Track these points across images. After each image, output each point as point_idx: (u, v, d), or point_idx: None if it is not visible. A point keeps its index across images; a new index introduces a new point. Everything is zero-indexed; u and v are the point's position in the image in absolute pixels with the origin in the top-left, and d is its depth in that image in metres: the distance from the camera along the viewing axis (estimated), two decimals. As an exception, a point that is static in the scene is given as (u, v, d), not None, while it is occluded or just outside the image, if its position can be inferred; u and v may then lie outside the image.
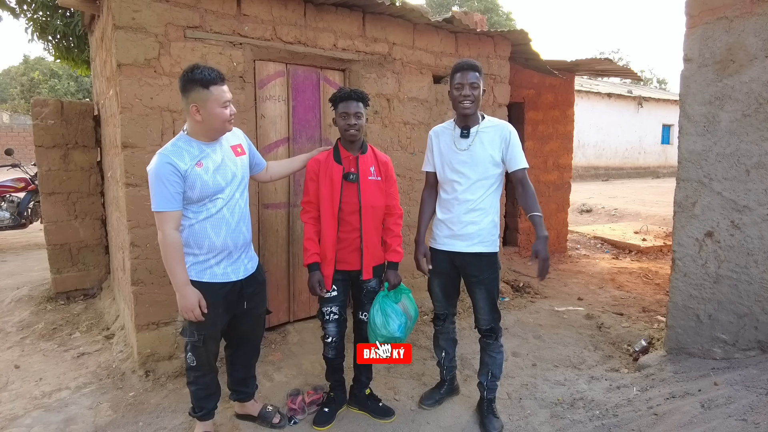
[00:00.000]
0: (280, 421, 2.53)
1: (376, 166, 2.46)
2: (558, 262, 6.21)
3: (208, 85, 2.00)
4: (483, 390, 2.58)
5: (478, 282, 2.47)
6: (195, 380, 2.28)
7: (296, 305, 3.64)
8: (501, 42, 4.50)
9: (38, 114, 4.26)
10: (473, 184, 2.41)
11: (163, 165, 1.98)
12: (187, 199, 2.05)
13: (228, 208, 2.13)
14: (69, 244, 4.44)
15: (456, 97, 2.37)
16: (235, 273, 2.20)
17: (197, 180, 2.03)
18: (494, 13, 25.57)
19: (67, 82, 22.37)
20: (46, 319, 3.95)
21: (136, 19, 2.76)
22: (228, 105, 2.07)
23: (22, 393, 2.84)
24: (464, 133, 2.42)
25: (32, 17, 5.35)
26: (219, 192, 2.09)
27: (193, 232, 2.08)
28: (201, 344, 2.18)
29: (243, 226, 2.21)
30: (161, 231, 2.01)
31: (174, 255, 2.01)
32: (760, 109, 2.61)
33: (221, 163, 2.11)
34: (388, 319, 2.36)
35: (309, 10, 3.37)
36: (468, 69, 2.33)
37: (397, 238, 2.50)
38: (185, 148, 2.05)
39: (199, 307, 2.05)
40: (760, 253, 2.66)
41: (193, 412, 2.36)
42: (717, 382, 2.47)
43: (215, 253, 2.12)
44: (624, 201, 11.32)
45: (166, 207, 1.99)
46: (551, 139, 6.42)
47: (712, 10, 2.76)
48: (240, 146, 2.27)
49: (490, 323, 2.51)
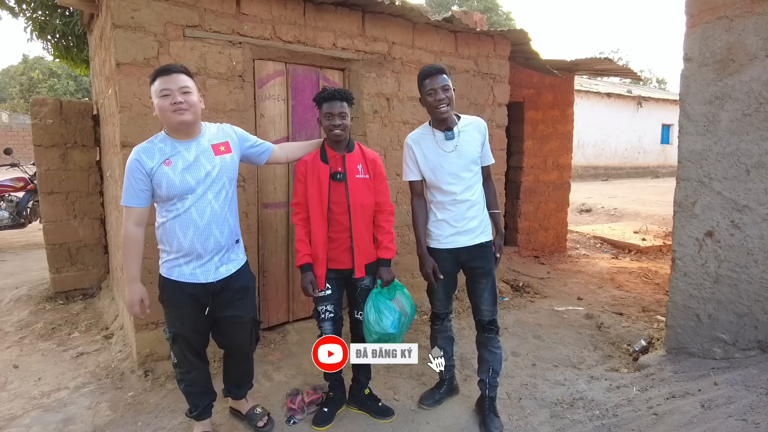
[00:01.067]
0: (265, 425, 2.47)
1: (363, 164, 2.45)
2: (558, 261, 6.21)
3: (153, 79, 1.99)
4: (485, 388, 2.57)
5: (484, 273, 2.49)
6: (181, 377, 2.29)
7: (295, 305, 3.63)
8: (501, 41, 4.50)
9: (37, 113, 4.25)
10: (468, 181, 2.44)
11: (132, 161, 2.01)
12: (157, 197, 2.06)
13: (197, 209, 2.06)
14: (68, 244, 4.43)
15: (431, 103, 2.38)
16: (204, 275, 2.12)
17: (163, 178, 2.00)
18: (494, 12, 25.57)
19: (67, 81, 22.36)
20: (45, 318, 3.94)
21: (135, 18, 2.75)
22: (169, 93, 1.95)
23: (20, 393, 2.83)
24: (449, 135, 2.43)
25: (31, 16, 5.34)
26: (188, 191, 2.04)
27: (165, 230, 2.09)
28: (171, 342, 2.20)
29: (215, 229, 2.11)
30: (123, 225, 2.05)
31: (128, 250, 2.06)
32: (760, 108, 2.61)
33: (193, 162, 2.05)
34: (381, 316, 2.36)
35: (308, 10, 3.37)
36: (436, 73, 2.36)
37: (388, 235, 2.49)
38: (158, 145, 2.05)
39: (141, 305, 2.09)
40: (760, 252, 2.65)
41: (189, 412, 2.37)
42: (717, 382, 2.47)
43: (183, 254, 2.08)
44: (623, 201, 11.32)
45: (128, 202, 2.03)
46: (551, 138, 6.41)
47: (713, 10, 2.76)
48: (225, 144, 2.17)
49: (493, 314, 2.53)
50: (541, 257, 6.28)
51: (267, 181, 3.41)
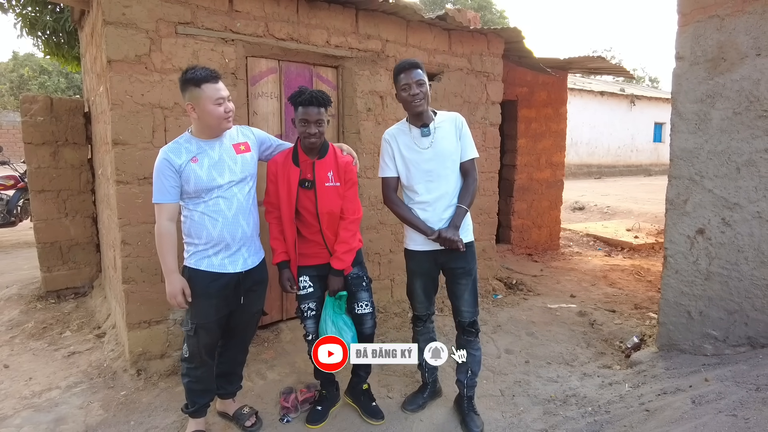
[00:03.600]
0: (253, 425, 2.48)
1: (335, 170, 2.37)
2: (551, 259, 6.24)
3: (199, 83, 2.09)
4: (462, 388, 2.56)
5: (464, 273, 2.44)
6: (187, 372, 2.32)
7: (289, 303, 3.62)
8: (494, 40, 4.50)
9: (27, 111, 4.20)
10: (445, 179, 2.39)
11: (161, 160, 2.13)
12: (185, 193, 2.17)
13: (225, 202, 2.19)
14: (59, 242, 4.39)
15: (405, 98, 2.35)
16: (232, 265, 2.24)
17: (191, 174, 2.13)
18: (487, 10, 25.55)
19: (57, 78, 22.11)
20: (36, 318, 3.91)
21: (126, 15, 2.73)
22: (222, 102, 2.13)
23: (11, 393, 2.80)
24: (425, 131, 2.38)
25: (21, 13, 5.28)
26: (214, 187, 2.17)
27: (193, 223, 2.19)
28: (193, 333, 2.23)
29: (242, 220, 2.25)
30: (157, 221, 2.15)
31: (165, 244, 2.14)
32: (750, 107, 2.63)
33: (218, 160, 2.19)
34: (341, 333, 2.35)
35: (302, 7, 3.35)
36: (410, 68, 2.33)
37: (343, 245, 2.37)
38: (184, 145, 2.17)
39: (183, 295, 2.15)
40: (750, 250, 2.68)
41: (186, 408, 2.38)
42: (708, 378, 2.49)
43: (212, 244, 2.19)
44: (616, 198, 11.39)
45: (161, 199, 2.13)
46: (544, 136, 6.43)
47: (704, 9, 2.77)
48: (245, 144, 2.32)
49: (473, 316, 2.49)
50: (534, 255, 6.30)
51: (262, 179, 3.38)
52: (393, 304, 4.06)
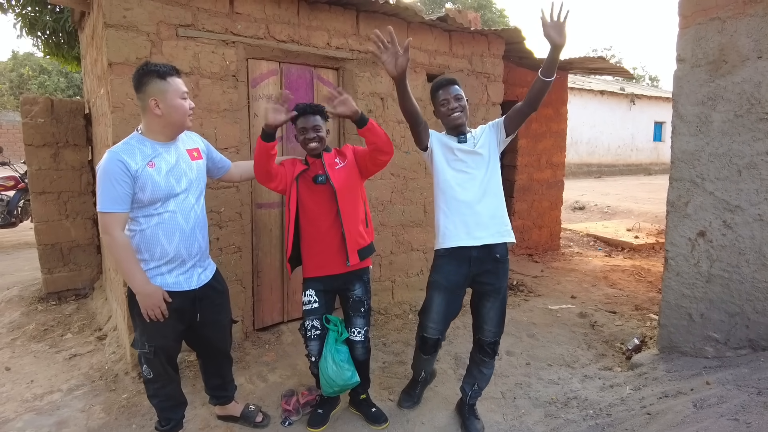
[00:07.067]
0: (262, 420, 2.51)
1: (339, 156, 2.44)
2: (551, 259, 6.24)
3: (165, 76, 1.94)
4: (466, 396, 2.54)
5: (494, 291, 2.35)
6: (155, 393, 2.19)
7: (290, 305, 3.62)
8: (495, 40, 4.50)
9: (27, 112, 4.20)
10: (485, 169, 2.38)
11: (113, 162, 1.88)
12: (137, 202, 1.94)
13: (182, 213, 2.03)
14: (60, 244, 4.39)
15: (444, 113, 2.36)
16: (187, 282, 2.08)
17: (148, 181, 1.92)
18: (487, 9, 25.51)
19: (57, 78, 22.08)
20: (37, 320, 3.91)
21: (127, 18, 2.72)
22: (186, 97, 2.01)
23: (12, 396, 2.81)
24: (462, 139, 2.38)
25: (21, 13, 5.27)
26: (172, 195, 1.99)
27: (144, 238, 1.98)
28: (152, 356, 2.08)
29: (199, 234, 2.11)
30: (109, 234, 1.89)
31: (128, 256, 1.93)
32: (752, 109, 2.63)
33: (175, 164, 2.02)
34: (341, 369, 2.30)
35: (302, 9, 3.35)
36: (448, 84, 2.36)
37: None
38: (137, 146, 1.96)
39: (164, 304, 1.99)
40: (752, 252, 2.68)
41: (160, 425, 2.26)
42: (709, 382, 2.49)
43: (166, 261, 2.01)
44: (616, 198, 11.39)
45: (114, 208, 1.88)
46: (544, 137, 6.43)
47: (705, 11, 2.77)
48: (197, 150, 2.18)
49: (496, 336, 2.40)
50: (534, 255, 6.31)
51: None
52: (394, 306, 4.06)
